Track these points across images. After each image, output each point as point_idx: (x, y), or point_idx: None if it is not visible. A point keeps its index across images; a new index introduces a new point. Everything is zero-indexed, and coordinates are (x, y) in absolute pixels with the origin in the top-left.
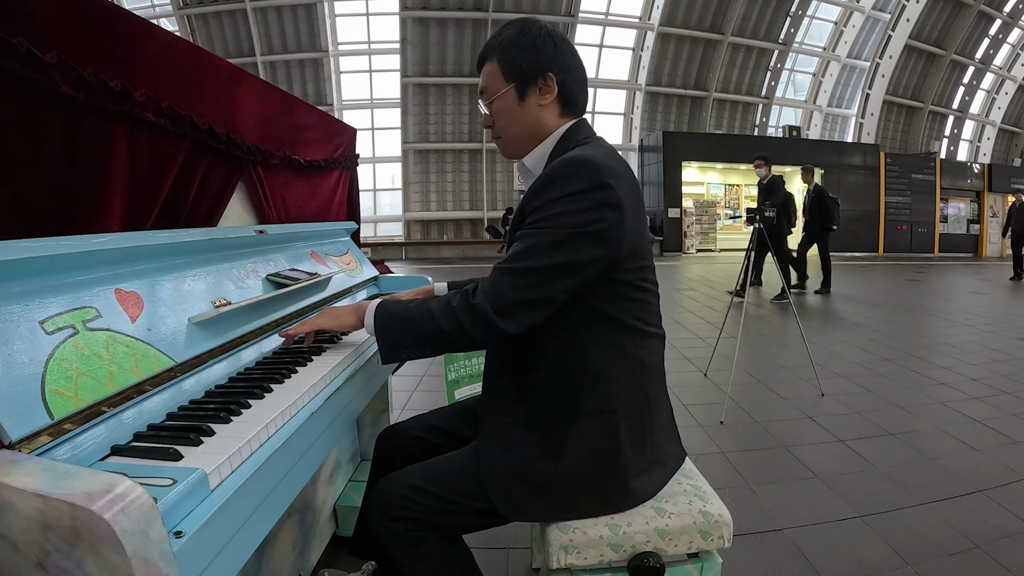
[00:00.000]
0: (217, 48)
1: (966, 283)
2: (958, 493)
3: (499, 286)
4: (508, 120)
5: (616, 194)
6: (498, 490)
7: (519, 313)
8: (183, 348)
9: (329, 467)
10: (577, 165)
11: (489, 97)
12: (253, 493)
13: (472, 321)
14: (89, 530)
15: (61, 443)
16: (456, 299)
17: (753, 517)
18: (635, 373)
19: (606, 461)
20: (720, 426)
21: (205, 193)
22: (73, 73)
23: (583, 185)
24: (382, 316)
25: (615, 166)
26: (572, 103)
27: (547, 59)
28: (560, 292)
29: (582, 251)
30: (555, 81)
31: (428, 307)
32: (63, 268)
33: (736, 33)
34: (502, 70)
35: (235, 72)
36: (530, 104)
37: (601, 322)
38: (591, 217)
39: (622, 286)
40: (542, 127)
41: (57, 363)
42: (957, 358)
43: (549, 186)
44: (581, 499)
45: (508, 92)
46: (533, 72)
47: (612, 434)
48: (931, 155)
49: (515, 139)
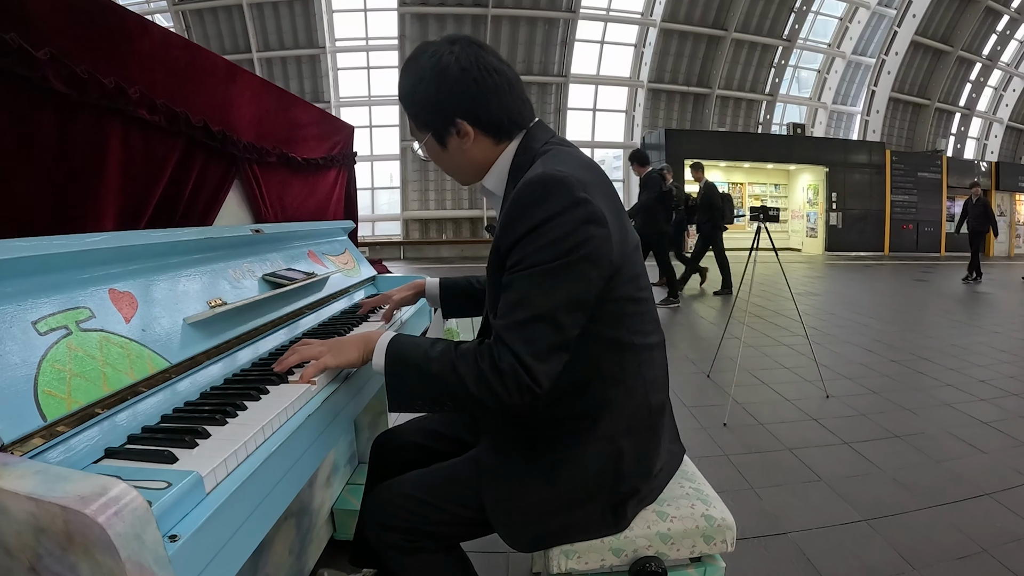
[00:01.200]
0: (212, 44)
1: (973, 283)
2: (965, 496)
3: (517, 346)
4: (442, 163)
5: (595, 208)
6: (502, 523)
7: (543, 368)
8: (178, 349)
9: (326, 470)
10: (547, 184)
11: (418, 142)
12: (249, 496)
13: (505, 388)
14: (83, 534)
15: (54, 445)
16: (485, 358)
17: (757, 521)
18: (638, 392)
19: (610, 487)
20: (723, 428)
21: (200, 191)
22: (66, 70)
23: (557, 207)
24: (395, 359)
25: (585, 175)
26: (500, 131)
27: (447, 106)
28: (573, 329)
29: (583, 278)
30: (466, 124)
31: (451, 362)
32: (56, 268)
33: (740, 29)
34: (413, 122)
35: (231, 69)
36: (453, 148)
37: (601, 346)
38: (577, 239)
39: (619, 303)
40: (481, 161)
41: (50, 364)
42: (964, 359)
43: (520, 215)
44: (584, 524)
45: (428, 140)
46: (440, 124)
47: (616, 459)
48: (938, 153)
49: (460, 174)
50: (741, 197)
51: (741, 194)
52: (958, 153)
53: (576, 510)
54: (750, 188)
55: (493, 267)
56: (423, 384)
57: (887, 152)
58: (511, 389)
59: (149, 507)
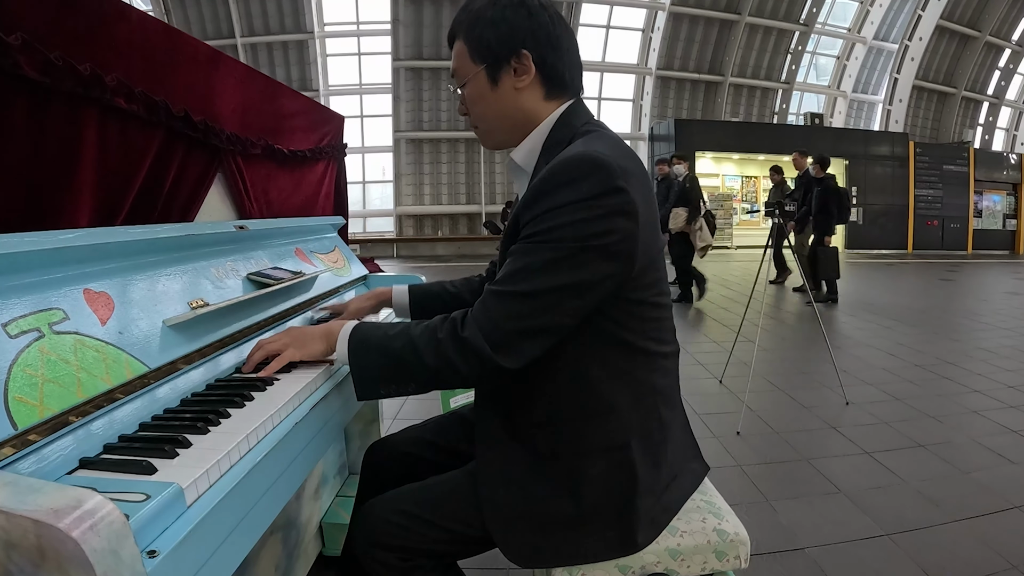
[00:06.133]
0: (194, 29)
1: (1002, 283)
2: (994, 509)
3: (493, 314)
4: (483, 108)
5: (630, 199)
6: (503, 535)
7: (518, 345)
8: (157, 353)
9: (315, 482)
10: (585, 165)
11: (460, 81)
12: (233, 509)
13: (462, 357)
14: (56, 549)
15: (25, 455)
16: (444, 329)
17: (772, 535)
18: (647, 399)
19: (623, 498)
20: (737, 437)
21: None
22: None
23: (593, 190)
24: (358, 344)
25: (627, 164)
26: (558, 83)
27: (519, 33)
28: (566, 318)
29: (590, 268)
30: (530, 59)
31: (411, 337)
32: (27, 267)
33: (754, 13)
34: (470, 50)
35: (213, 55)
36: (505, 88)
37: (611, 347)
38: (600, 228)
39: (635, 305)
40: (524, 114)
41: (21, 369)
42: (992, 364)
43: (551, 191)
44: (597, 541)
45: (479, 75)
46: (503, 50)
47: (627, 467)
48: (964, 144)
49: (494, 129)
50: (756, 191)
51: (756, 188)
52: (986, 144)
53: (583, 530)
54: (764, 182)
55: (508, 239)
56: (386, 364)
57: (910, 144)
58: (470, 359)
59: (126, 521)
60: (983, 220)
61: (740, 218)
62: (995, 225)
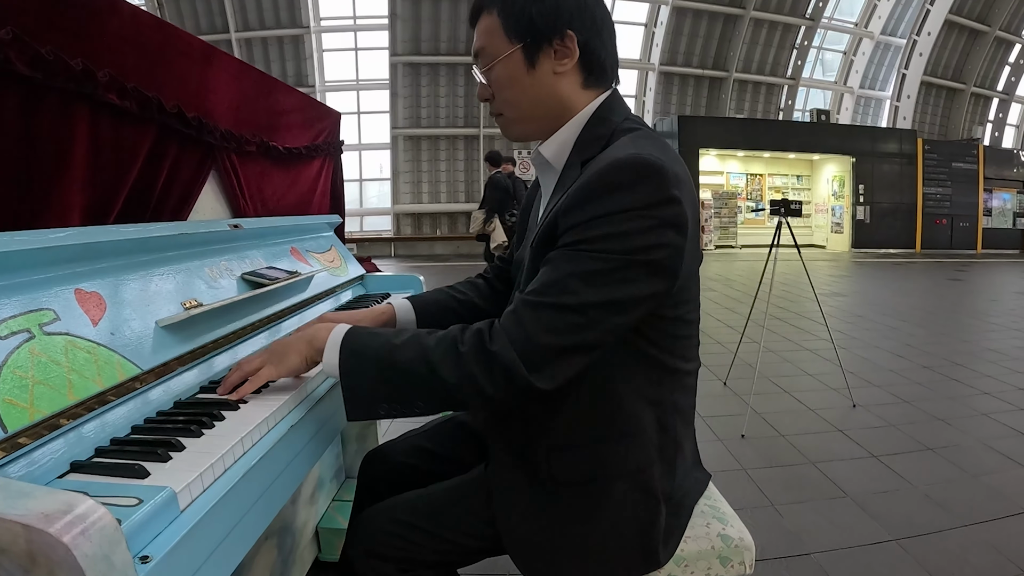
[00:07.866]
0: (187, 24)
1: (1012, 283)
2: (1004, 514)
3: (528, 326)
4: (514, 92)
5: (683, 211)
6: (526, 564)
7: (555, 363)
8: (150, 354)
9: (311, 485)
10: (640, 169)
11: (487, 61)
12: (227, 514)
13: (488, 374)
14: (46, 554)
15: (15, 459)
16: (467, 341)
17: (777, 540)
18: (669, 419)
19: (645, 519)
20: (741, 440)
21: (174, 183)
22: (30, 51)
23: (648, 198)
24: (351, 354)
25: (679, 170)
26: (598, 71)
27: (567, 10)
28: (608, 336)
29: (637, 284)
30: (576, 42)
31: (424, 347)
32: (17, 266)
33: (759, 7)
34: (505, 26)
35: (207, 50)
36: (543, 72)
37: (641, 366)
38: (651, 241)
39: (670, 322)
40: (560, 103)
41: (11, 371)
42: (1003, 365)
43: (600, 196)
44: (619, 564)
45: (513, 55)
46: (547, 29)
47: (648, 489)
48: (974, 142)
49: (523, 117)
50: (761, 189)
51: (761, 186)
52: (996, 142)
53: (606, 554)
54: (770, 180)
55: (541, 243)
56: (388, 381)
57: (919, 141)
58: (497, 377)
59: (119, 525)
60: (993, 219)
61: (745, 217)
62: (1005, 224)
